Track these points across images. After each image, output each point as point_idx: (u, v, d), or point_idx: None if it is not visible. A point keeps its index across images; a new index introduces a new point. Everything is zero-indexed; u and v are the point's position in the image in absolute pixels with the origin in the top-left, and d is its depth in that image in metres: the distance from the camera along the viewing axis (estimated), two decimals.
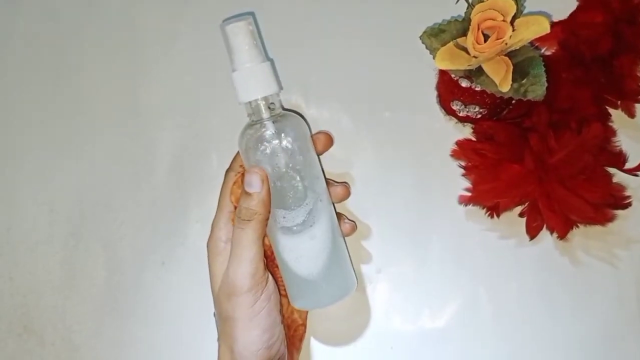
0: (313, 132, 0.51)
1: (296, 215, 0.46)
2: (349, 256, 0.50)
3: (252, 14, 0.56)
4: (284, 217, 0.46)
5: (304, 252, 0.46)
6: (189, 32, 0.60)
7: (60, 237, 0.57)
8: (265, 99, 0.46)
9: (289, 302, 0.49)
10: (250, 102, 0.46)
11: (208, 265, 0.47)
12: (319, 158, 0.49)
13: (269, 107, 0.46)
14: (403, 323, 0.53)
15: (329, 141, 0.51)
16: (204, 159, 0.57)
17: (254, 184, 0.45)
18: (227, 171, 0.50)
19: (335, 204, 0.51)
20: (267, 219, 0.46)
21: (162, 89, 0.59)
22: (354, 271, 0.50)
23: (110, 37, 0.60)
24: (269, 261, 0.49)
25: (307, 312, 0.52)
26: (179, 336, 0.54)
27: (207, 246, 0.48)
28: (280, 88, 0.49)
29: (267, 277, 0.46)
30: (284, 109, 0.48)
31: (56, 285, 0.56)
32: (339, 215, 0.51)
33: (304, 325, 0.52)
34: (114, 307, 0.55)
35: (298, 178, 0.46)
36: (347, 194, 0.52)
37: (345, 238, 0.51)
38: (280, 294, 0.49)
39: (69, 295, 0.56)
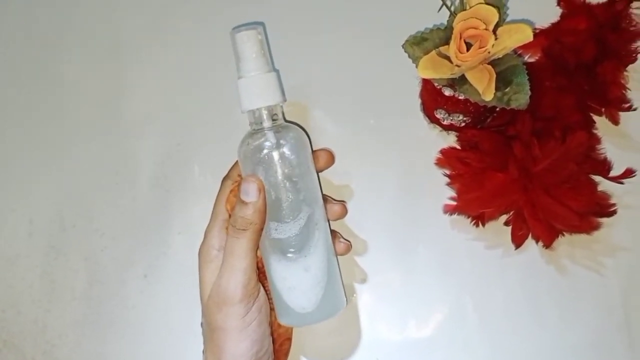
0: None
1: (290, 228, 0.45)
2: (340, 274, 0.49)
3: (262, 24, 0.55)
4: (276, 229, 0.45)
5: (297, 284, 0.46)
6: (172, 40, 0.59)
7: (40, 249, 0.56)
8: (268, 108, 0.46)
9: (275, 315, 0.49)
10: (253, 111, 0.46)
11: (198, 272, 0.46)
12: (318, 175, 0.49)
13: (272, 117, 0.46)
14: (389, 333, 0.52)
15: (331, 159, 0.50)
16: (187, 168, 0.56)
17: (251, 192, 0.44)
18: (224, 179, 0.49)
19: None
20: (262, 229, 0.45)
21: (144, 97, 0.58)
22: (344, 289, 0.49)
23: (92, 45, 0.60)
24: (260, 272, 0.49)
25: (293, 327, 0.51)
26: (162, 350, 0.54)
27: (199, 253, 0.47)
28: (284, 99, 0.48)
29: (259, 288, 0.46)
30: (286, 120, 0.48)
31: (36, 298, 0.55)
32: (334, 233, 0.50)
33: (290, 339, 0.51)
34: (96, 320, 0.54)
35: (294, 190, 0.45)
36: (344, 213, 0.51)
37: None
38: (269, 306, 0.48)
39: (50, 309, 0.55)
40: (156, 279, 0.55)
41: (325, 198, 0.50)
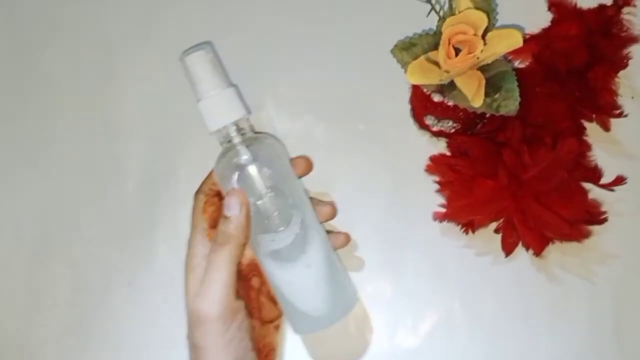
0: (287, 147, 0.51)
1: (286, 236, 0.45)
2: (345, 270, 0.49)
3: (209, 42, 0.54)
4: (274, 240, 0.45)
5: (302, 284, 0.45)
6: (161, 43, 0.58)
7: (24, 256, 0.55)
8: (235, 124, 0.45)
9: (261, 324, 0.48)
10: (220, 130, 0.45)
11: (184, 282, 0.46)
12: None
13: (240, 132, 0.45)
14: (378, 341, 0.52)
15: (308, 166, 0.50)
16: (174, 174, 0.56)
17: (233, 207, 0.44)
18: (197, 193, 0.48)
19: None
20: (244, 243, 0.44)
21: (131, 101, 0.57)
22: (352, 284, 0.49)
23: (79, 47, 0.59)
24: (244, 281, 0.48)
25: (280, 336, 0.50)
26: None
27: (185, 263, 0.46)
28: (249, 112, 0.48)
29: (240, 305, 0.45)
30: (255, 132, 0.48)
31: (19, 307, 0.54)
32: (328, 231, 0.50)
33: (275, 350, 0.50)
34: (79, 329, 0.53)
35: (280, 197, 0.45)
36: (334, 213, 0.50)
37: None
38: (252, 317, 0.47)
39: (33, 318, 0.54)
40: (141, 287, 0.54)
41: (313, 200, 0.50)
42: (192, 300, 0.44)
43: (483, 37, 0.42)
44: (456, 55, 0.42)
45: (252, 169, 0.44)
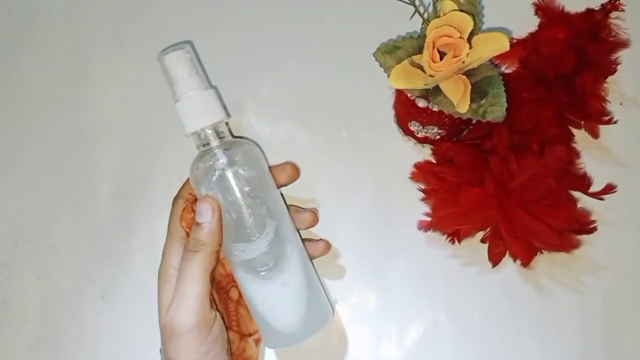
0: (267, 153, 0.49)
1: (257, 247, 0.43)
2: (322, 283, 0.48)
3: (190, 42, 0.53)
4: (244, 250, 0.43)
5: (278, 302, 0.44)
6: (137, 49, 0.57)
7: None
8: (213, 126, 0.44)
9: (240, 337, 0.46)
10: (197, 133, 0.44)
11: (157, 294, 0.44)
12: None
13: (218, 136, 0.44)
14: (360, 354, 0.50)
15: (295, 172, 0.49)
16: (150, 181, 0.54)
17: (204, 213, 0.42)
18: (175, 198, 0.47)
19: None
20: (217, 250, 0.43)
21: (106, 107, 0.56)
22: (328, 298, 0.48)
23: (52, 52, 0.58)
24: (222, 292, 0.47)
25: (261, 350, 0.49)
26: None
27: (158, 273, 0.45)
28: (228, 115, 0.47)
29: (215, 316, 0.43)
30: (233, 136, 0.47)
31: None
32: (306, 238, 0.49)
33: None
34: (50, 343, 0.52)
35: (255, 206, 0.44)
36: (315, 220, 0.49)
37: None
38: (230, 329, 0.46)
39: (1, 331, 0.52)
40: (115, 300, 0.52)
41: (293, 208, 0.49)
42: (165, 313, 0.42)
43: (469, 40, 0.40)
44: (441, 59, 0.40)
45: (228, 174, 0.43)
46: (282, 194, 0.48)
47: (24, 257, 0.53)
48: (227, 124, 0.46)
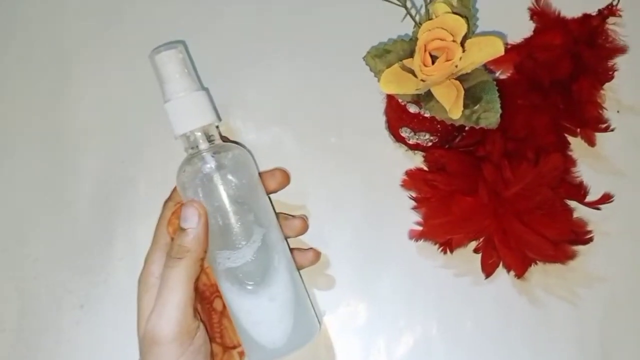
0: (255, 156, 0.48)
1: (243, 255, 0.42)
2: (309, 295, 0.47)
3: (182, 42, 0.52)
4: (229, 258, 0.42)
5: (263, 317, 0.43)
6: (117, 50, 0.56)
7: None
8: (203, 129, 0.43)
9: (223, 350, 0.45)
10: (186, 135, 0.43)
11: (137, 302, 0.43)
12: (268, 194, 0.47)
13: (208, 139, 0.43)
14: None
15: (285, 178, 0.48)
16: (131, 188, 0.53)
17: (189, 218, 0.41)
18: (166, 201, 0.46)
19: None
20: (202, 258, 0.42)
21: (87, 110, 0.55)
22: (315, 311, 0.47)
23: (31, 53, 0.56)
24: (206, 302, 0.45)
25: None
26: None
27: (139, 281, 0.44)
28: (219, 119, 0.46)
29: (198, 326, 0.42)
30: (224, 140, 0.46)
31: None
32: (294, 247, 0.48)
33: None
34: (26, 354, 0.50)
35: (242, 212, 0.42)
36: (305, 228, 0.49)
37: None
38: (214, 342, 0.44)
39: None
40: (94, 310, 0.51)
41: (281, 215, 0.48)
42: (145, 322, 0.41)
43: (462, 44, 0.39)
44: (433, 63, 0.39)
45: (216, 179, 0.42)
46: (271, 201, 0.47)
47: (1, 266, 0.51)
48: (217, 127, 0.45)
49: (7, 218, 0.53)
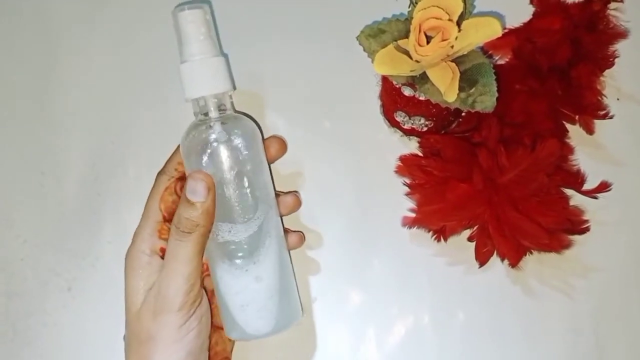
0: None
1: (245, 230, 0.41)
2: (295, 282, 0.46)
3: (209, 3, 0.51)
4: (229, 231, 0.41)
5: (250, 300, 0.42)
6: (106, 27, 0.55)
7: None
8: (215, 96, 0.42)
9: (214, 330, 0.45)
10: (197, 99, 0.42)
11: (125, 279, 0.42)
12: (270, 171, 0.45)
13: (219, 107, 0.42)
14: (339, 355, 0.49)
15: (283, 147, 0.47)
16: (121, 169, 0.52)
17: (199, 191, 0.40)
18: (159, 174, 0.45)
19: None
20: (210, 231, 0.41)
21: (74, 90, 0.54)
22: (299, 298, 0.47)
23: (17, 31, 0.55)
24: (206, 275, 0.45)
25: (233, 344, 0.47)
26: None
27: (126, 257, 0.43)
28: (234, 87, 0.45)
29: (202, 296, 0.42)
30: (235, 111, 0.44)
31: None
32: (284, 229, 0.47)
33: (229, 358, 0.47)
34: (12, 338, 0.50)
35: (247, 187, 0.42)
36: (298, 204, 0.48)
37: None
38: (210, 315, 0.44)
39: None
40: (82, 292, 0.50)
41: (276, 193, 0.47)
42: (155, 291, 0.41)
43: (458, 24, 0.38)
44: (428, 43, 0.38)
45: (224, 149, 0.41)
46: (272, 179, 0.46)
47: None
48: (231, 97, 0.44)
49: None
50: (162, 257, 0.42)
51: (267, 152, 0.45)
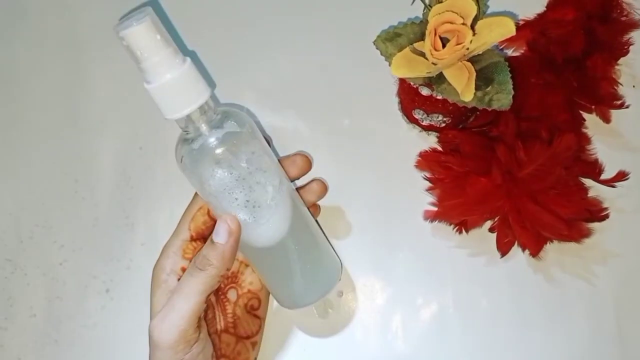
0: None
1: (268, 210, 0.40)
2: (327, 239, 0.46)
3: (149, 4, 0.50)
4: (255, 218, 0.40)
5: (280, 266, 0.42)
6: None
7: None
8: (199, 109, 0.37)
9: (236, 340, 0.45)
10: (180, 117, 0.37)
11: (150, 294, 0.43)
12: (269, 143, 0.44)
13: (205, 114, 0.37)
14: (366, 346, 0.50)
15: (307, 164, 0.45)
16: (150, 174, 0.53)
17: (221, 233, 0.39)
18: (196, 193, 0.44)
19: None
20: (222, 274, 0.40)
21: (104, 98, 0.55)
22: (336, 253, 0.47)
23: (47, 39, 0.56)
24: (220, 294, 0.45)
25: (258, 350, 0.47)
26: None
27: (153, 271, 0.43)
28: (213, 86, 0.43)
29: (198, 336, 0.41)
30: (218, 107, 0.41)
31: None
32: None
33: None
34: (56, 338, 0.51)
35: (260, 179, 0.39)
36: (325, 190, 0.47)
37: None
38: (227, 332, 0.45)
39: (7, 327, 0.52)
40: (119, 294, 0.52)
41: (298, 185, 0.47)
42: (153, 322, 0.40)
43: (472, 26, 0.39)
44: (444, 46, 0.39)
45: (224, 160, 0.38)
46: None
47: (28, 253, 0.53)
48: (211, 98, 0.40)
49: (34, 206, 0.53)
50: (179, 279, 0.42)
51: (292, 169, 0.44)
